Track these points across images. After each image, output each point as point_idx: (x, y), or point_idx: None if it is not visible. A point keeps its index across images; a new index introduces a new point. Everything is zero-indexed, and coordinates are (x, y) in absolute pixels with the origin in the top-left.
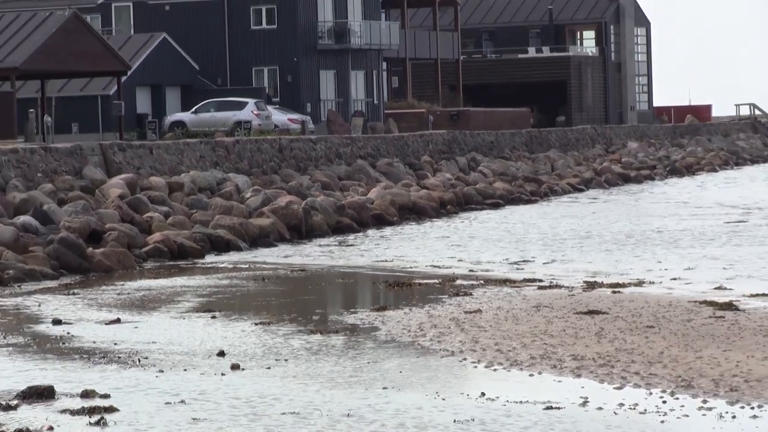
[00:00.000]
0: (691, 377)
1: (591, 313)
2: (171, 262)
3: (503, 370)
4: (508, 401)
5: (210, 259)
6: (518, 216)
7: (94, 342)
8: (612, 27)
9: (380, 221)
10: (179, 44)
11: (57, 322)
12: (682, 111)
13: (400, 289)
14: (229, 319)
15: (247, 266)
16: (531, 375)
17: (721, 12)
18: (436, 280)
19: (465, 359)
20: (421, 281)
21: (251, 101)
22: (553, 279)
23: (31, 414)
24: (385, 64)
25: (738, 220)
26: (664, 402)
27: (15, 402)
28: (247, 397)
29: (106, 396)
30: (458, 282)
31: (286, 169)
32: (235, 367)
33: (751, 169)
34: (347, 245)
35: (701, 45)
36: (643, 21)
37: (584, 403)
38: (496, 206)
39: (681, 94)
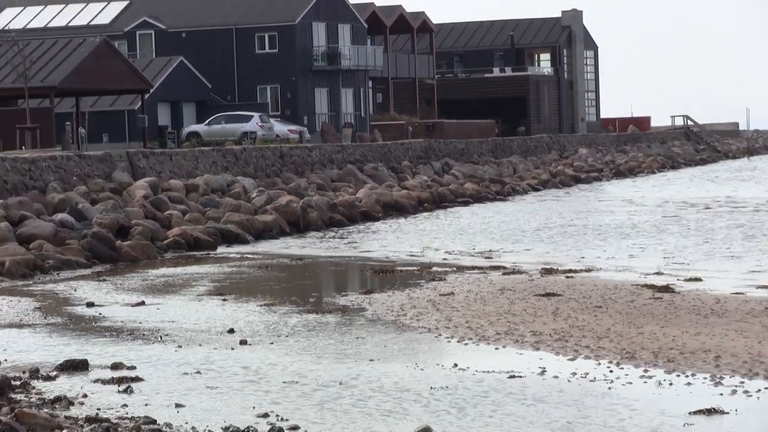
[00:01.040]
0: (634, 350)
1: (548, 295)
2: (188, 253)
3: (473, 344)
4: (477, 371)
5: (221, 250)
6: (485, 212)
7: (122, 321)
8: (565, 50)
9: (367, 217)
10: (194, 66)
11: (90, 304)
12: (625, 122)
13: (384, 275)
14: (237, 301)
15: (253, 256)
16: (497, 348)
17: (659, 37)
18: (415, 267)
19: (440, 335)
20: (402, 268)
21: (256, 115)
22: (515, 266)
23: (68, 384)
24: (370, 83)
25: (673, 214)
26: (611, 371)
27: (54, 373)
28: (253, 368)
29: (132, 368)
30: (434, 269)
31: (287, 173)
32: (242, 342)
33: (685, 171)
34: (339, 238)
35: (641, 65)
36: (591, 45)
37: (542, 372)
38: (466, 204)
39: (624, 107)
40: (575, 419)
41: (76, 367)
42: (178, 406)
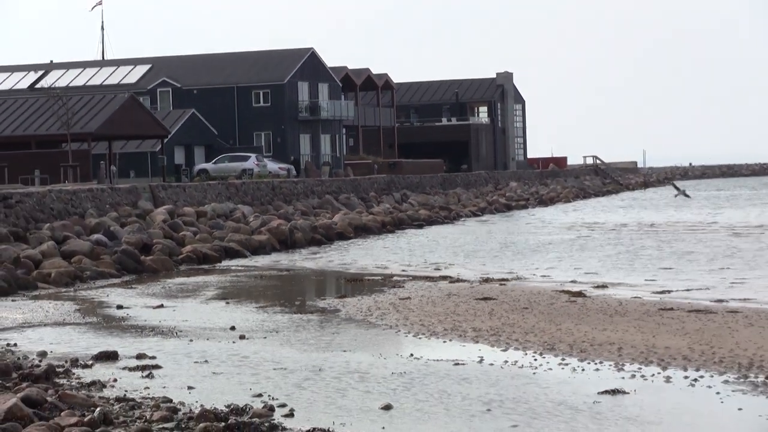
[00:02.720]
0: (553, 342)
1: (485, 299)
2: (198, 266)
3: (425, 338)
4: (428, 359)
5: (225, 263)
6: (435, 233)
7: (145, 320)
8: (499, 104)
9: (341, 237)
10: (204, 117)
11: (119, 307)
12: (546, 161)
13: (355, 283)
14: (237, 304)
15: (250, 268)
16: (444, 341)
17: (573, 92)
18: (379, 277)
19: (399, 331)
20: (369, 278)
21: (253, 155)
22: (459, 276)
23: (101, 370)
24: (344, 130)
25: (584, 235)
26: (535, 360)
27: (90, 362)
28: (250, 358)
29: (153, 357)
30: (395, 278)
31: (277, 201)
32: (242, 337)
33: (594, 200)
34: (319, 253)
35: (559, 115)
36: (519, 100)
37: (480, 361)
38: (420, 226)
39: (546, 149)
40: (503, 395)
41: (108, 357)
42: (190, 388)
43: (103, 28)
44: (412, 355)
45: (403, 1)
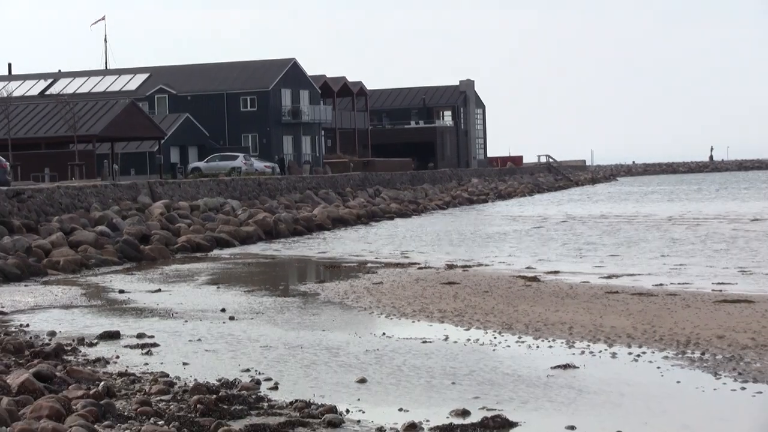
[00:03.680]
0: (511, 322)
1: (450, 283)
2: (192, 254)
3: (396, 318)
4: (399, 338)
5: (216, 252)
6: (405, 224)
7: (144, 303)
8: (462, 108)
9: (321, 228)
10: (197, 120)
11: (121, 291)
12: (504, 159)
13: (333, 269)
14: (227, 288)
15: (238, 256)
16: (413, 322)
17: (527, 97)
18: (355, 264)
19: (373, 312)
20: (345, 265)
21: (241, 155)
22: (427, 263)
23: (105, 349)
24: (322, 132)
25: (538, 225)
26: (495, 338)
27: (95, 341)
28: (238, 337)
29: (152, 336)
30: (368, 265)
31: (263, 196)
32: (231, 318)
33: (547, 195)
34: (300, 243)
35: (516, 117)
36: (480, 104)
37: (446, 339)
38: (391, 218)
39: (504, 149)
40: (465, 370)
41: (111, 336)
42: (185, 364)
43: (106, 41)
44: (384, 333)
45: (377, 16)
